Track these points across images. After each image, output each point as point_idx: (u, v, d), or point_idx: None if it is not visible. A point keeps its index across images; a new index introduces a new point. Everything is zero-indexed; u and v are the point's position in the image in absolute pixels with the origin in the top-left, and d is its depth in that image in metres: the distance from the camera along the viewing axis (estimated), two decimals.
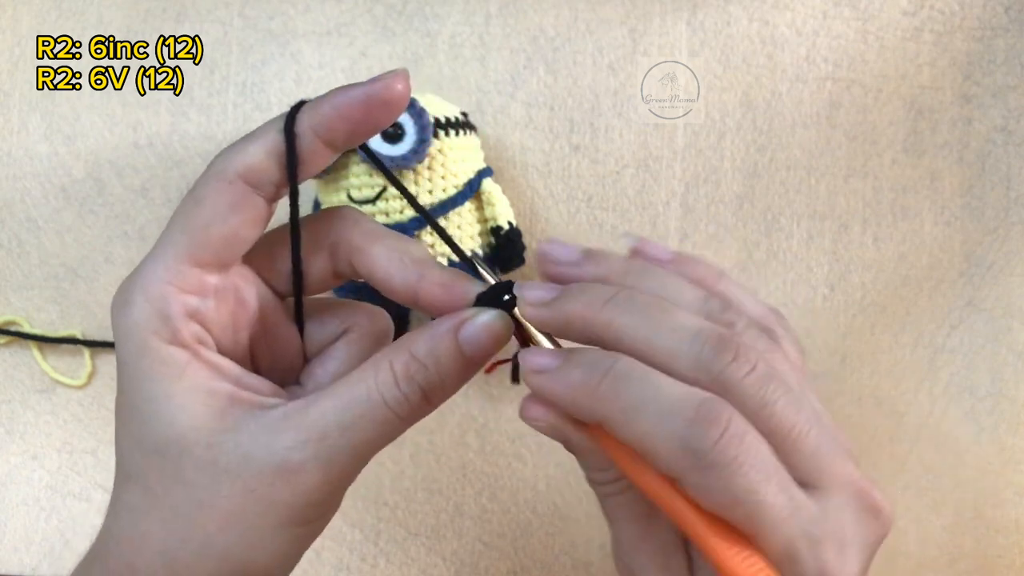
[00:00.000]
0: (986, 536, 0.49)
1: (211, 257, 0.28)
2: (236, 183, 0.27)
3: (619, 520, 0.28)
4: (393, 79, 0.27)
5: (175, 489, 0.26)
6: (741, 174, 0.51)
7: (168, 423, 0.26)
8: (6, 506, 0.54)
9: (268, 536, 0.26)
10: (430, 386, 0.27)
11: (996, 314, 0.50)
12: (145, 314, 0.27)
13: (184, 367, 0.27)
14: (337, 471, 0.27)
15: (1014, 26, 0.50)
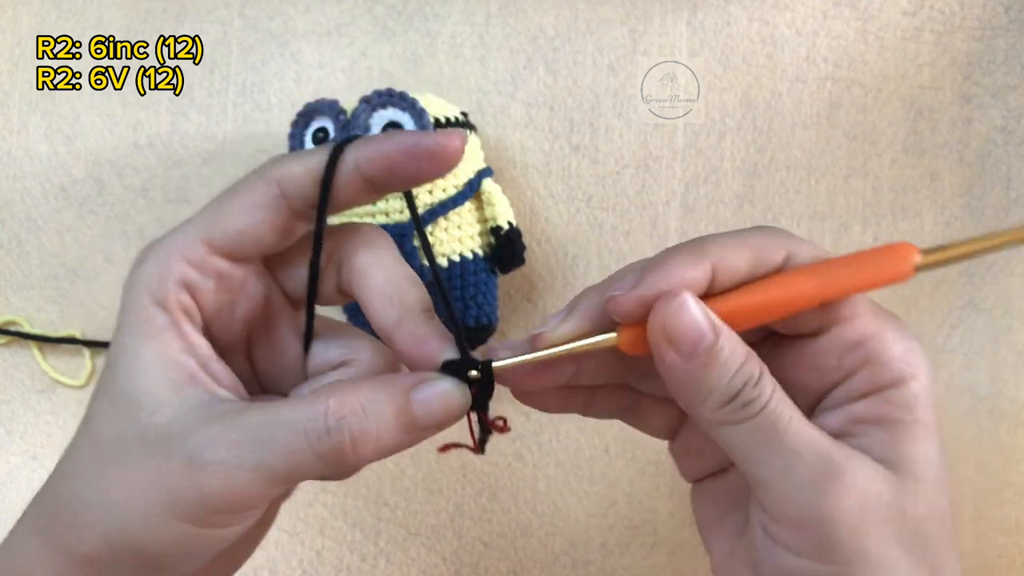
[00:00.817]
0: (986, 536, 0.49)
1: (223, 243, 0.28)
2: (271, 184, 0.28)
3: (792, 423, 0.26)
4: (448, 137, 0.27)
5: (113, 444, 0.27)
6: (741, 174, 0.51)
7: (127, 378, 0.27)
8: (6, 506, 0.54)
9: (160, 524, 0.26)
10: (361, 434, 0.26)
11: (996, 314, 0.50)
12: (148, 271, 0.28)
13: (160, 330, 0.27)
14: (239, 484, 0.25)
15: (1014, 26, 0.50)
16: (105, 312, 0.55)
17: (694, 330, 0.25)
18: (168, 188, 0.54)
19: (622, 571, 0.52)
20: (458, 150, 0.27)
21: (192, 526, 0.26)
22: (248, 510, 0.27)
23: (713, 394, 0.26)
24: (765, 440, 0.25)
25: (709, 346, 0.25)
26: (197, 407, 0.27)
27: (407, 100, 0.47)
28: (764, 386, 0.26)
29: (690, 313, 0.25)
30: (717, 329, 0.25)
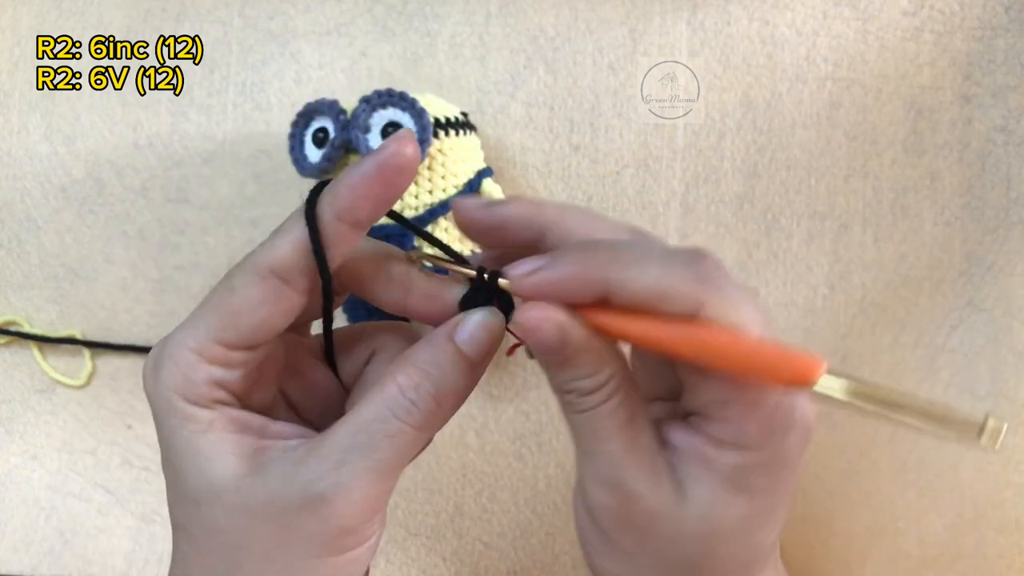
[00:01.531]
0: (986, 536, 0.49)
1: (239, 341, 0.28)
2: (269, 279, 0.28)
3: (604, 434, 0.28)
4: (400, 144, 0.27)
5: (212, 535, 0.28)
6: (741, 174, 0.51)
7: (198, 474, 0.28)
8: (6, 506, 0.54)
9: (305, 570, 0.27)
10: (439, 391, 0.28)
11: (996, 314, 0.50)
12: (172, 377, 0.28)
13: (210, 423, 0.28)
14: (360, 495, 0.27)
15: (1014, 26, 0.50)
16: (105, 312, 0.55)
17: (541, 342, 0.27)
18: (168, 188, 0.54)
19: None
20: (415, 150, 0.27)
21: (334, 558, 0.27)
22: (373, 517, 0.28)
23: (552, 382, 0.28)
24: (576, 428, 0.28)
25: (554, 356, 0.27)
26: (279, 462, 0.28)
27: (407, 100, 0.47)
28: (590, 399, 0.27)
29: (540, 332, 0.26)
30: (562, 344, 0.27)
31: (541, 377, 0.52)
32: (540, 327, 0.26)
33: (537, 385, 0.52)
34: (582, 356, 0.27)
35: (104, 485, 0.54)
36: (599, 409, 0.27)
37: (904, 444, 0.50)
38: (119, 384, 0.55)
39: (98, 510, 0.54)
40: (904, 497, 0.50)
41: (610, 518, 0.28)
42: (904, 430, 0.50)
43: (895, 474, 0.49)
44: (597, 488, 0.28)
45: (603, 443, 0.28)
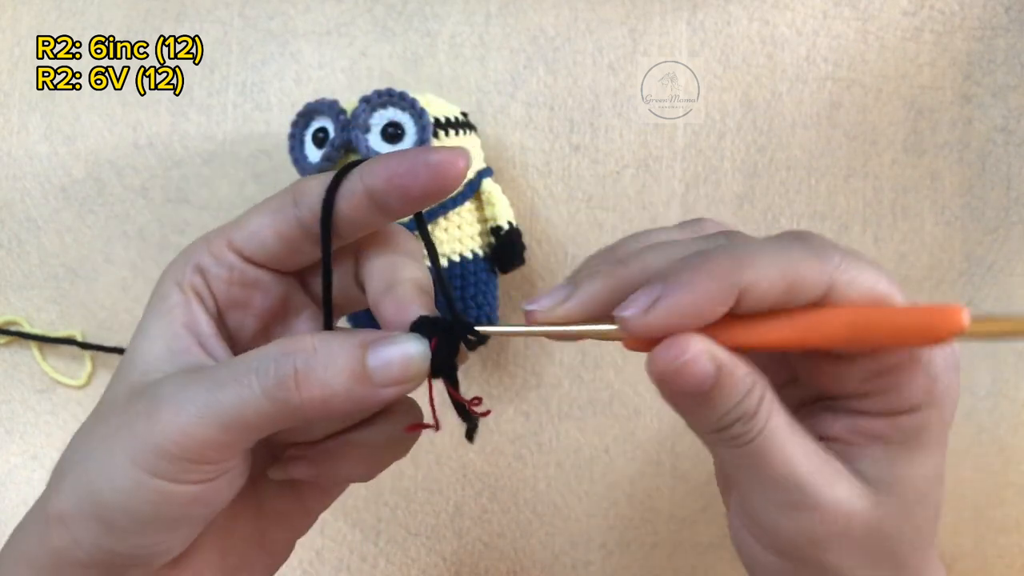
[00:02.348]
0: (986, 536, 0.49)
1: (239, 241, 0.29)
2: (288, 195, 0.28)
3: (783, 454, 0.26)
4: (455, 154, 0.26)
5: (104, 404, 0.28)
6: (741, 174, 0.51)
7: (133, 348, 0.28)
8: (6, 506, 0.54)
9: (117, 468, 0.25)
10: (305, 370, 0.25)
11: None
12: (176, 261, 0.29)
13: (171, 307, 0.28)
14: (186, 420, 0.25)
15: (1014, 26, 0.50)
16: (105, 312, 0.55)
17: (695, 381, 0.24)
18: (168, 188, 0.54)
19: (622, 571, 0.52)
20: (462, 168, 0.26)
21: (144, 474, 0.25)
22: (199, 461, 0.26)
23: (705, 423, 0.26)
24: (746, 465, 0.26)
25: (707, 393, 0.25)
26: (184, 369, 0.27)
27: (407, 100, 0.47)
28: (758, 419, 0.25)
29: (694, 368, 0.24)
30: (718, 374, 0.25)
31: (541, 377, 0.52)
32: (695, 362, 0.24)
33: (537, 385, 0.52)
34: (734, 377, 0.25)
35: None
36: (766, 431, 0.25)
37: None
38: None
39: None
40: None
41: (807, 543, 0.26)
42: None
43: None
44: (783, 517, 0.26)
45: (783, 466, 0.26)
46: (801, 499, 0.26)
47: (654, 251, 0.27)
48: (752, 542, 0.28)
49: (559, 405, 0.52)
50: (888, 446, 0.26)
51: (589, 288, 0.27)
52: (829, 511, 0.26)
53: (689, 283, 0.24)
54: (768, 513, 0.26)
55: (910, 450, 0.26)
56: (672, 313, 0.24)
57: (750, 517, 0.27)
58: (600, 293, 0.27)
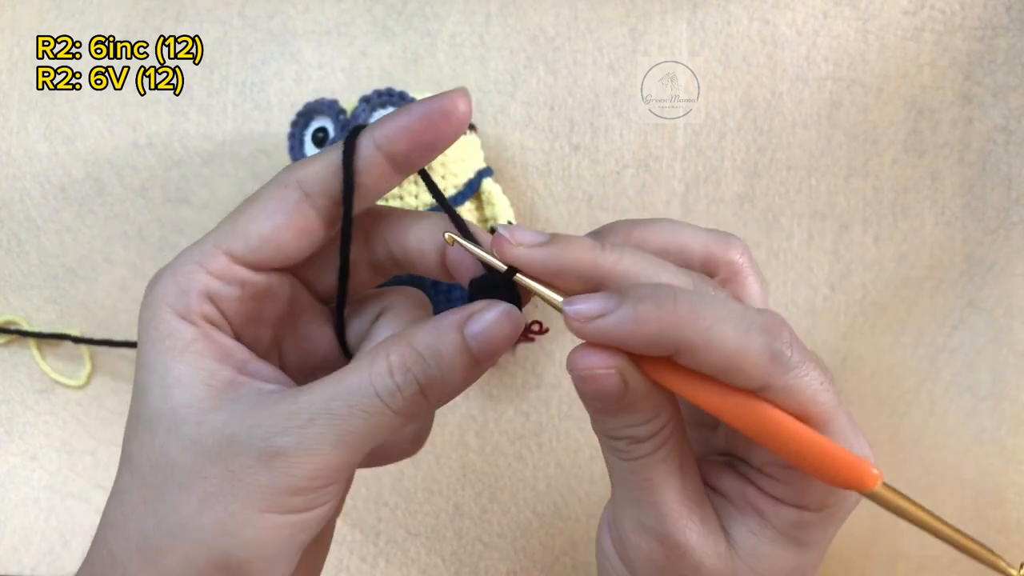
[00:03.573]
0: (987, 536, 0.49)
1: (244, 252, 0.27)
2: (291, 186, 0.27)
3: (655, 483, 0.26)
4: (456, 96, 0.26)
5: (160, 468, 0.26)
6: (741, 174, 0.51)
7: (162, 397, 0.26)
8: (5, 506, 0.54)
9: (246, 522, 0.25)
10: (428, 381, 0.26)
11: (997, 314, 0.50)
12: (167, 287, 0.27)
13: (189, 343, 0.26)
14: (321, 460, 0.25)
15: (1015, 26, 0.50)
16: (105, 312, 0.55)
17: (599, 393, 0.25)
18: (168, 188, 0.54)
19: None
20: (467, 107, 0.27)
21: (278, 515, 0.25)
22: (329, 486, 0.26)
23: (598, 426, 0.27)
24: (623, 476, 0.27)
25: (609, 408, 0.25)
26: (249, 403, 0.26)
27: (407, 100, 0.47)
28: (642, 447, 0.26)
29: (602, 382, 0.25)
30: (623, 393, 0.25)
31: (541, 377, 0.52)
32: (605, 376, 0.25)
33: (537, 385, 0.52)
34: (640, 404, 0.25)
35: (104, 485, 0.54)
36: (651, 457, 0.26)
37: (904, 444, 0.50)
38: (119, 384, 0.55)
39: (98, 510, 0.54)
40: None
41: (652, 569, 0.27)
42: (903, 431, 0.50)
43: (895, 474, 0.49)
44: (640, 537, 0.27)
45: (653, 493, 0.26)
46: (659, 529, 0.27)
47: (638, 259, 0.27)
48: (610, 548, 0.29)
49: (559, 405, 0.52)
50: (764, 524, 0.27)
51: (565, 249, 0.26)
52: (678, 550, 0.27)
53: (640, 317, 0.24)
54: (629, 528, 0.27)
55: (782, 539, 0.27)
56: (610, 335, 0.24)
57: (615, 525, 0.28)
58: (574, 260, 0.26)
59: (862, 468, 0.24)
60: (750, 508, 0.27)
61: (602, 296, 0.25)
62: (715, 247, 0.29)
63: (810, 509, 0.26)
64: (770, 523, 0.27)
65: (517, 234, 0.26)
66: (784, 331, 0.24)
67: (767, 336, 0.24)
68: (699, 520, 0.27)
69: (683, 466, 0.27)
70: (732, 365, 0.24)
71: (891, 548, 0.50)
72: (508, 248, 0.26)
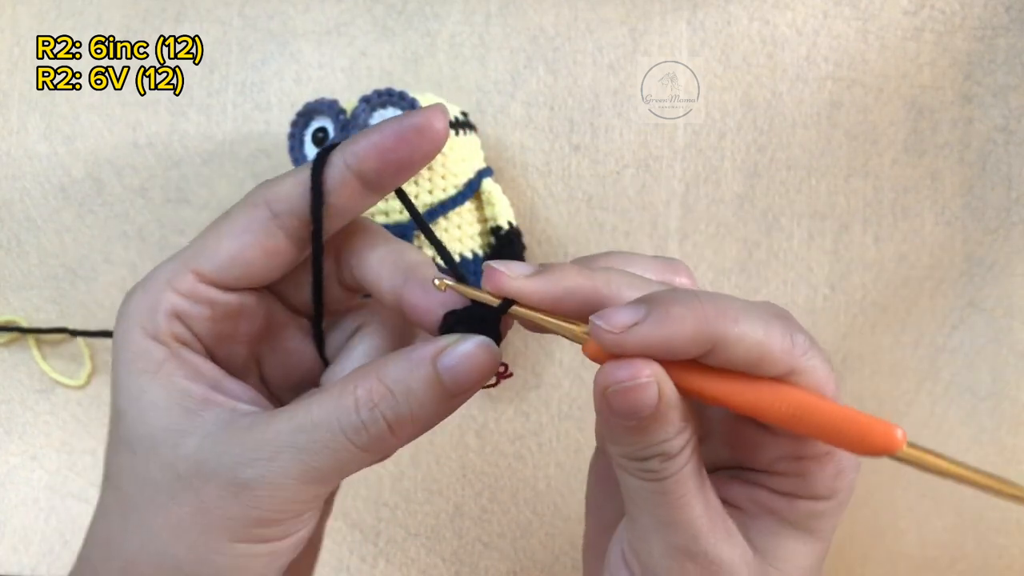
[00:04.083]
0: (986, 537, 0.49)
1: (212, 271, 0.27)
2: (260, 207, 0.27)
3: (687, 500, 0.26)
4: (431, 115, 0.26)
5: (142, 490, 0.26)
6: (741, 174, 0.51)
7: (139, 419, 0.26)
8: (5, 506, 0.54)
9: (218, 551, 0.25)
10: (397, 418, 0.25)
11: (997, 314, 0.50)
12: (138, 308, 0.27)
13: (161, 363, 0.26)
14: (288, 494, 0.25)
15: (1015, 26, 0.50)
16: (104, 312, 0.55)
17: (637, 406, 0.24)
18: (168, 188, 0.54)
19: None
20: (444, 126, 0.26)
21: (249, 544, 0.25)
22: (301, 515, 0.26)
23: (624, 448, 0.26)
24: (651, 500, 0.26)
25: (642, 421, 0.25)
26: (220, 428, 0.26)
27: (407, 100, 0.47)
28: (674, 463, 0.25)
29: (641, 394, 0.24)
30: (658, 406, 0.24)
31: (541, 377, 0.52)
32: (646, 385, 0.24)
33: (537, 385, 0.52)
34: (672, 413, 0.25)
35: None
36: (683, 472, 0.25)
37: None
38: None
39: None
40: (904, 497, 0.50)
41: None
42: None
43: (895, 474, 0.49)
44: (674, 562, 0.26)
45: (684, 510, 0.25)
46: (694, 548, 0.26)
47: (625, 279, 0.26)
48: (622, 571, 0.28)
49: (559, 405, 0.52)
50: (781, 523, 0.27)
51: (560, 275, 0.26)
52: (716, 566, 0.26)
53: (675, 318, 0.23)
54: (656, 554, 0.26)
55: (800, 533, 0.27)
56: (648, 342, 0.24)
57: (636, 554, 0.27)
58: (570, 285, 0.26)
59: (890, 431, 0.24)
60: (763, 511, 0.27)
61: (628, 307, 0.24)
62: (667, 273, 0.28)
63: (822, 497, 0.27)
64: (787, 520, 0.27)
65: (513, 267, 0.26)
66: (791, 317, 0.25)
67: (783, 322, 0.25)
68: (725, 533, 0.26)
69: (704, 481, 0.26)
70: (762, 354, 0.24)
71: (891, 548, 0.50)
72: (506, 281, 0.25)
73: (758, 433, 0.27)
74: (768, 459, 0.27)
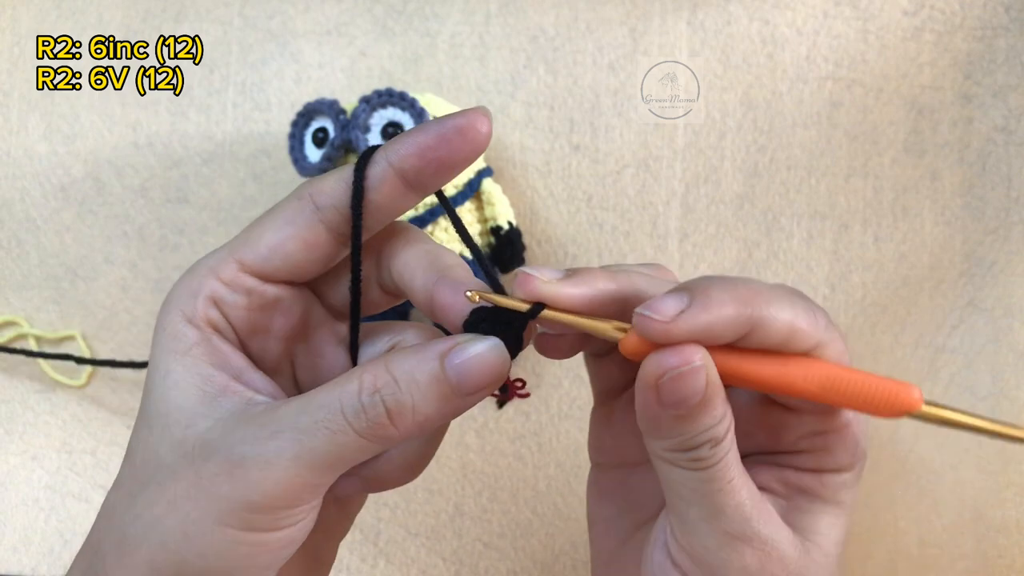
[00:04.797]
0: (986, 536, 0.49)
1: (253, 261, 0.27)
2: (304, 199, 0.27)
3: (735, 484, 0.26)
4: (477, 117, 0.26)
5: (148, 464, 0.26)
6: (741, 174, 0.51)
7: (161, 397, 0.27)
8: (6, 506, 0.54)
9: (204, 531, 0.25)
10: (397, 406, 0.25)
11: (997, 314, 0.50)
12: (179, 291, 0.27)
13: (191, 346, 0.27)
14: (282, 475, 0.25)
15: (1015, 26, 0.50)
16: (105, 312, 0.55)
17: (689, 392, 0.25)
18: (168, 188, 0.54)
19: None
20: (488, 128, 0.26)
21: (237, 531, 0.25)
22: (294, 505, 0.26)
23: (673, 440, 0.26)
24: (700, 490, 0.26)
25: (692, 407, 0.25)
26: (233, 414, 0.26)
27: (407, 100, 0.47)
28: (722, 447, 0.26)
29: (693, 379, 0.24)
30: (709, 396, 0.25)
31: (541, 377, 0.52)
32: (696, 374, 0.24)
33: (537, 385, 0.52)
34: (717, 398, 0.25)
35: (104, 485, 0.54)
36: (730, 456, 0.26)
37: (904, 444, 0.50)
38: (119, 384, 0.55)
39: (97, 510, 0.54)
40: (904, 497, 0.50)
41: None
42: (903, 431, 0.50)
43: (895, 474, 0.49)
44: (731, 550, 0.26)
45: (734, 495, 0.26)
46: (746, 531, 0.26)
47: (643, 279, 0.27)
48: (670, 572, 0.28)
49: (559, 405, 0.52)
50: (812, 500, 0.28)
51: (590, 277, 0.26)
52: (769, 547, 0.26)
53: (718, 301, 0.24)
54: (708, 543, 0.26)
55: (830, 506, 0.28)
56: (696, 327, 0.24)
57: (688, 550, 0.27)
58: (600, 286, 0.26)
59: (910, 391, 0.26)
60: (794, 491, 0.28)
61: (671, 295, 0.25)
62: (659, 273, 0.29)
63: (846, 468, 0.28)
64: (818, 496, 0.28)
65: (545, 272, 0.26)
66: (807, 296, 0.26)
67: (804, 300, 0.26)
68: (771, 515, 0.27)
69: (742, 468, 0.27)
70: (795, 330, 0.25)
71: (891, 548, 0.50)
72: (540, 285, 0.26)
73: (782, 414, 0.28)
74: (793, 438, 0.28)
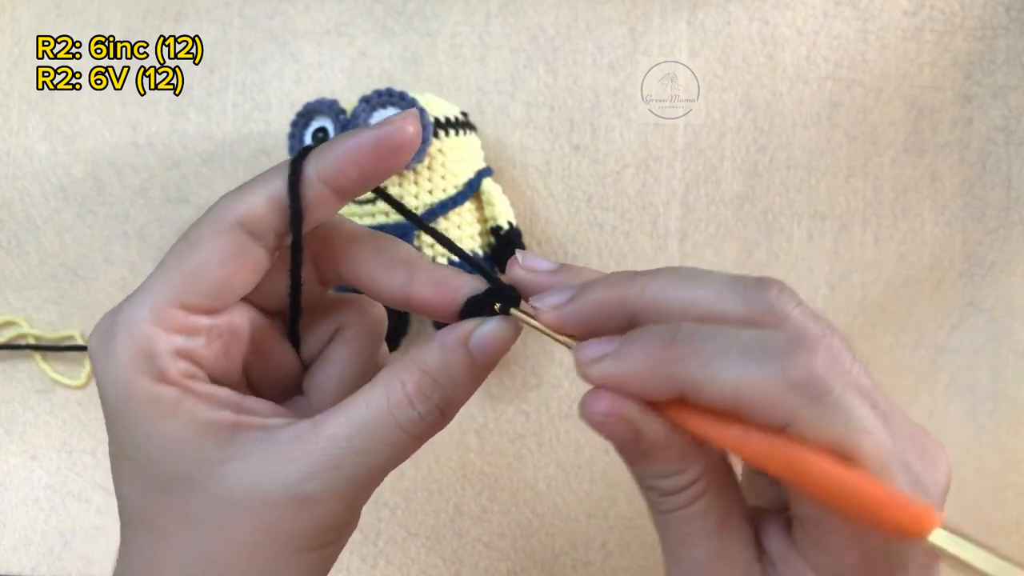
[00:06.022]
0: (986, 536, 0.49)
1: (201, 302, 0.26)
2: (235, 231, 0.26)
3: (689, 539, 0.25)
4: (403, 122, 0.26)
5: (186, 528, 0.26)
6: (741, 174, 0.51)
7: (169, 461, 0.25)
8: (6, 506, 0.54)
9: (286, 564, 0.26)
10: (446, 403, 0.27)
11: (997, 314, 0.50)
12: (129, 354, 0.25)
13: (176, 404, 0.26)
14: (352, 497, 0.26)
15: (1015, 26, 0.50)
16: (104, 312, 0.55)
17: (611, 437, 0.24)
18: (168, 188, 0.54)
19: (622, 571, 0.52)
20: (416, 131, 0.26)
21: (314, 551, 0.26)
22: (357, 512, 0.28)
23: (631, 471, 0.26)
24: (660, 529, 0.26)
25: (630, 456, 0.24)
26: (257, 450, 0.26)
27: (407, 100, 0.47)
28: (673, 500, 0.24)
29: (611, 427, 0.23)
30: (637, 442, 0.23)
31: (541, 377, 0.52)
32: (605, 423, 0.23)
33: (537, 385, 0.52)
34: (660, 454, 0.24)
35: (104, 485, 0.54)
36: (682, 512, 0.25)
37: None
38: None
39: (97, 510, 0.54)
40: None
41: None
42: None
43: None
44: None
45: (687, 549, 0.25)
46: None
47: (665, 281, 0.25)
48: None
49: (559, 405, 0.52)
50: None
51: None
52: None
53: (634, 357, 0.23)
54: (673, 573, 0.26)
55: None
56: (608, 378, 0.23)
57: None
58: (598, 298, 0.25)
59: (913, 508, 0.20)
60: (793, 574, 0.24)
61: (606, 339, 0.24)
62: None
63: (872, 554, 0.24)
64: None
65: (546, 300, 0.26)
66: (815, 355, 0.21)
67: (785, 361, 0.21)
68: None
69: (725, 526, 0.25)
70: (739, 399, 0.21)
71: None
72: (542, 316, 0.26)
73: None
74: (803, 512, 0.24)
